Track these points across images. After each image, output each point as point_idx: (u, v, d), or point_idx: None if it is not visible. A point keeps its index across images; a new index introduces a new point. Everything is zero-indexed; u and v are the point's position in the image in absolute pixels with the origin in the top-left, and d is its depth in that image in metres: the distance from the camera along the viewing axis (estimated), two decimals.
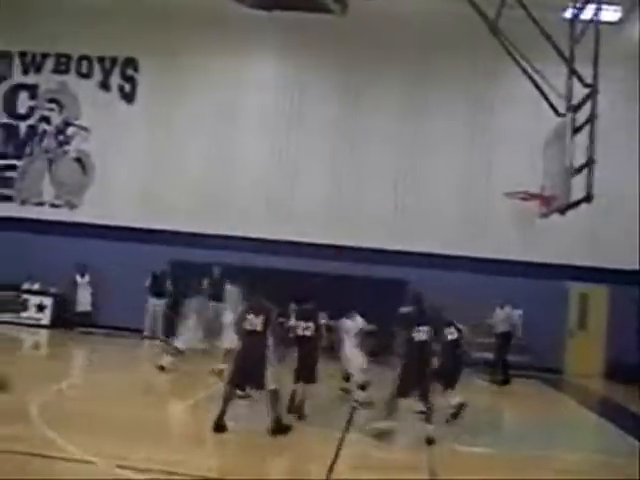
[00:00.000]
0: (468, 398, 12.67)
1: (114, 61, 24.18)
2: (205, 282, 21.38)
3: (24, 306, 22.56)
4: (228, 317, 15.30)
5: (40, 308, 22.56)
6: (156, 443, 9.42)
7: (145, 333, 22.11)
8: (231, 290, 15.79)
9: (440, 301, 12.97)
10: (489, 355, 19.52)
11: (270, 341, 10.56)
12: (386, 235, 22.26)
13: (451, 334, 12.60)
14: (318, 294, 13.33)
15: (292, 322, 12.52)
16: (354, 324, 14.14)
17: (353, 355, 13.99)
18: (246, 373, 10.43)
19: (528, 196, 20.54)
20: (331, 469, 8.77)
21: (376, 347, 16.08)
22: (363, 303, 14.97)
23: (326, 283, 19.62)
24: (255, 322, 10.52)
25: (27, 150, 24.45)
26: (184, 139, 23.52)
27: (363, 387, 13.82)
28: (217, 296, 21.20)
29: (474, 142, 22.64)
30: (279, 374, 10.73)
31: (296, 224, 22.54)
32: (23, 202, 24.21)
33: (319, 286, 15.04)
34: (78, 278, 22.70)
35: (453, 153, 22.68)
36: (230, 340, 14.30)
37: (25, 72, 24.52)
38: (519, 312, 20.58)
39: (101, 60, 24.23)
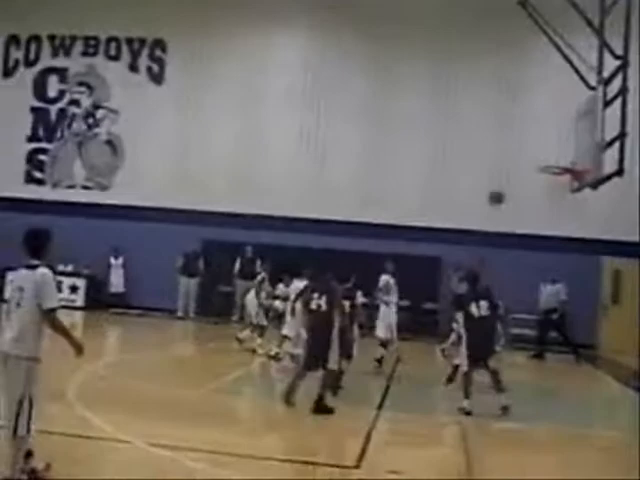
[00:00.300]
0: (504, 373, 12.63)
1: (142, 43, 24.20)
2: (238, 262, 21.57)
3: (58, 288, 22.70)
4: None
5: (73, 290, 22.77)
6: (189, 422, 9.50)
7: (179, 313, 22.27)
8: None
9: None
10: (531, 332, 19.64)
11: (336, 320, 10.66)
12: (418, 212, 22.18)
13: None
14: (352, 272, 13.43)
15: None
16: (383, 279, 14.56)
17: (383, 314, 14.21)
18: (314, 353, 10.60)
19: (561, 171, 20.40)
20: (365, 445, 8.80)
21: (409, 322, 16.20)
22: (397, 280, 15.02)
23: (359, 261, 19.62)
24: (320, 302, 10.62)
25: (58, 133, 24.62)
26: (213, 119, 23.55)
27: (384, 345, 13.98)
28: (249, 275, 21.38)
29: (505, 118, 22.43)
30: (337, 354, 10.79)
31: (327, 202, 22.53)
32: (55, 185, 24.41)
33: (353, 264, 15.05)
34: (112, 260, 22.91)
35: (485, 129, 22.49)
36: (288, 326, 14.53)
37: (54, 55, 24.63)
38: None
39: (129, 42, 24.27)
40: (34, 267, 6.70)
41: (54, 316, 6.56)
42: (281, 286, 21.16)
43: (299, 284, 13.99)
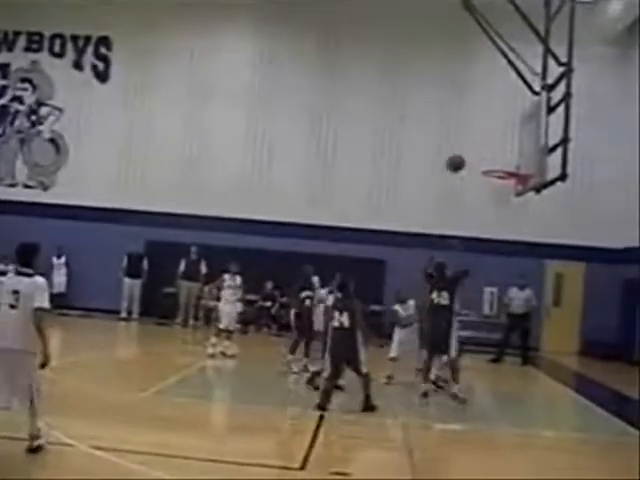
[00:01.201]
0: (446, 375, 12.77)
1: (87, 40, 23.87)
2: (182, 263, 21.45)
3: None
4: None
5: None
6: (132, 424, 9.42)
7: (122, 314, 22.03)
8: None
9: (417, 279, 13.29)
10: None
11: (358, 335, 11.16)
12: (364, 214, 22.28)
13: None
14: (297, 273, 13.54)
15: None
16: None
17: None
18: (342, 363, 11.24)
19: (505, 174, 20.63)
20: (310, 447, 8.78)
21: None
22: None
23: (305, 263, 19.63)
24: (342, 319, 11.16)
25: None
26: (159, 119, 23.36)
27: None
28: (193, 276, 21.29)
29: (450, 121, 22.65)
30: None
31: (273, 203, 22.50)
32: None
33: (299, 266, 15.07)
34: (54, 259, 22.52)
35: (429, 132, 22.67)
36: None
37: None
38: (493, 290, 21.16)
39: (74, 39, 23.92)
40: (29, 275, 7.74)
41: (43, 316, 7.55)
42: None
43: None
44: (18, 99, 24.15)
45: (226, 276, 16.14)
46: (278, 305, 21.21)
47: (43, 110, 24.01)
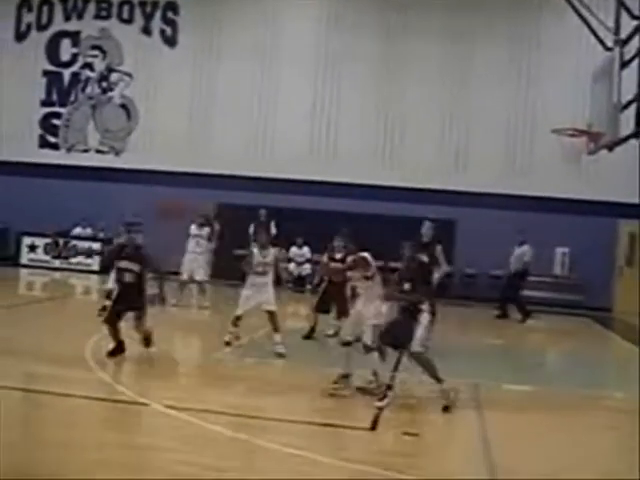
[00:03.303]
0: (517, 336, 12.67)
1: (155, 5, 24.10)
2: (252, 225, 21.59)
3: (74, 251, 22.89)
4: None
5: (89, 254, 22.87)
6: (201, 384, 9.59)
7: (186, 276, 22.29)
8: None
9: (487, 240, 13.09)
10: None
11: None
12: (432, 174, 22.13)
13: None
14: (366, 234, 13.55)
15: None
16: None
17: None
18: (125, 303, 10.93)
19: (576, 132, 20.28)
20: (380, 405, 8.85)
21: None
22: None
23: (373, 223, 19.63)
24: (130, 265, 11.40)
25: (71, 97, 24.62)
26: (226, 82, 23.48)
27: None
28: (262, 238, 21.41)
29: (521, 79, 22.29)
30: None
31: (340, 165, 22.53)
32: (69, 149, 24.46)
33: (366, 226, 15.11)
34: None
35: (499, 90, 22.34)
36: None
37: (67, 19, 24.56)
38: (564, 250, 20.83)
39: (142, 4, 24.16)
40: None
41: None
42: (294, 249, 21.28)
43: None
44: (89, 66, 24.54)
45: (192, 226, 16.67)
46: None
47: (113, 76, 24.37)
